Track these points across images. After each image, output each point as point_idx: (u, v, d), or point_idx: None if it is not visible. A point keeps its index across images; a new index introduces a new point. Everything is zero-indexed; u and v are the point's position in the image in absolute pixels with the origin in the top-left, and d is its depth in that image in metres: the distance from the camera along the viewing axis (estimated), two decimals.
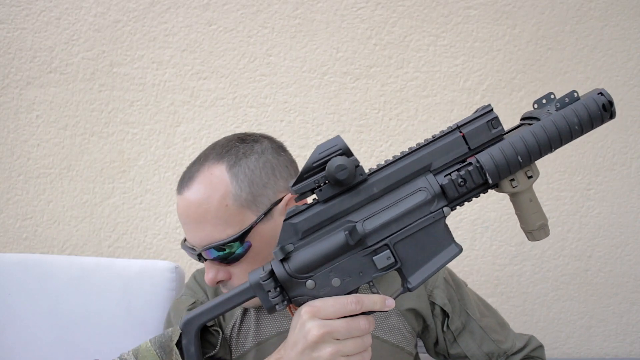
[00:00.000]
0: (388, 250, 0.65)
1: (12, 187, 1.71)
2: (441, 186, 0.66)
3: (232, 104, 1.68)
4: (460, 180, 0.66)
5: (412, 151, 0.67)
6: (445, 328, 0.99)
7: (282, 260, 0.66)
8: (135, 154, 1.69)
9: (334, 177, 0.63)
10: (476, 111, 0.69)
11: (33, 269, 1.37)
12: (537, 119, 0.68)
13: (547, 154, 0.67)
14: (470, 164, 0.67)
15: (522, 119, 0.72)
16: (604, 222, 1.67)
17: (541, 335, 1.70)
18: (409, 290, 0.66)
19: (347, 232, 0.64)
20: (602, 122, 0.67)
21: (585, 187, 1.67)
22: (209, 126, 1.68)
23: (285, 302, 0.67)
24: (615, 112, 0.66)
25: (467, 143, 0.67)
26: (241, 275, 0.81)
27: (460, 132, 0.67)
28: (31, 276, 1.36)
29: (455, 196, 0.67)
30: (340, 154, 0.64)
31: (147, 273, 1.35)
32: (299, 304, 0.67)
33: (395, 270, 0.67)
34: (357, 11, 1.65)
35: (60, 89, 1.69)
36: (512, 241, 1.68)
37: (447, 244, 0.67)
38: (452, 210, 0.68)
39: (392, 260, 0.65)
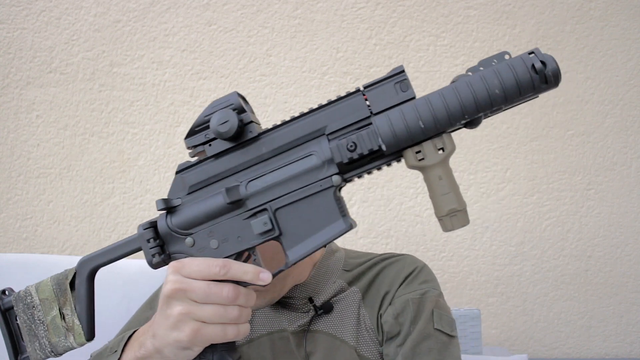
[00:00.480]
0: (266, 215, 0.60)
1: (12, 187, 1.71)
2: (331, 148, 0.58)
3: None
4: (350, 144, 0.58)
5: (309, 112, 0.61)
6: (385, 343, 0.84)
7: (168, 213, 0.64)
8: (135, 154, 1.69)
9: (216, 130, 0.59)
10: (390, 72, 0.61)
11: (33, 269, 1.37)
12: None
13: (460, 123, 0.57)
14: (367, 126, 0.58)
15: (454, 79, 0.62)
16: (604, 222, 1.67)
17: (541, 335, 1.70)
18: (287, 265, 0.61)
19: (224, 189, 0.60)
20: (534, 89, 0.54)
21: (585, 187, 1.67)
22: None
23: (163, 257, 0.65)
24: (553, 78, 0.53)
25: (369, 106, 0.59)
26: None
27: (364, 94, 0.60)
28: (31, 276, 1.36)
29: (345, 162, 0.58)
30: (232, 109, 0.60)
31: (147, 273, 1.35)
32: None
33: (275, 240, 0.61)
34: (357, 11, 1.65)
35: (60, 89, 1.69)
36: (512, 241, 1.68)
37: (333, 218, 0.59)
38: (345, 181, 0.60)
39: (270, 226, 0.60)
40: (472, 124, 0.58)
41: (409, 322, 0.81)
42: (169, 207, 0.64)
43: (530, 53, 0.55)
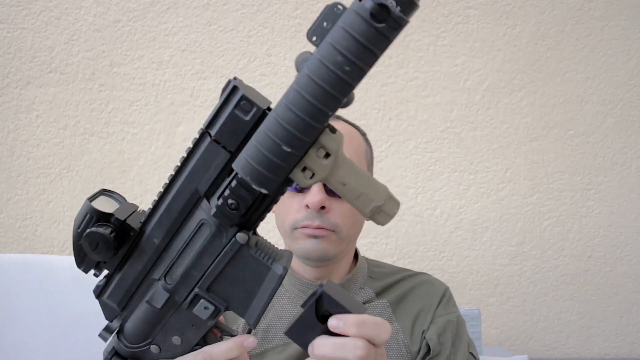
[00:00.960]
0: (203, 300, 0.55)
1: (12, 187, 1.71)
2: (214, 215, 0.52)
3: None
4: (230, 202, 0.51)
5: (172, 179, 0.54)
6: None
7: (118, 335, 0.61)
8: (135, 154, 1.69)
9: (95, 256, 0.54)
10: (222, 92, 0.51)
11: (33, 269, 1.37)
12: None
13: (326, 120, 0.47)
14: (234, 177, 0.51)
15: (296, 63, 0.50)
16: (604, 222, 1.67)
17: (541, 335, 1.70)
18: (252, 327, 0.57)
19: (147, 300, 0.56)
20: (387, 39, 0.42)
21: (585, 187, 1.67)
22: None
23: None
24: (400, 16, 0.41)
25: (224, 147, 0.50)
26: (338, 214, 0.83)
27: (210, 135, 0.51)
28: (31, 276, 1.36)
29: (239, 220, 0.52)
30: (95, 222, 0.53)
31: None
32: None
33: (226, 310, 0.58)
34: None
35: (60, 89, 1.69)
36: (512, 241, 1.68)
37: (264, 270, 0.54)
38: (252, 232, 0.55)
39: (212, 307, 0.56)
40: (345, 104, 0.48)
41: (449, 342, 0.88)
42: (115, 332, 0.61)
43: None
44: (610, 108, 1.66)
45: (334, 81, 0.43)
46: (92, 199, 0.56)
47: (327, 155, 0.48)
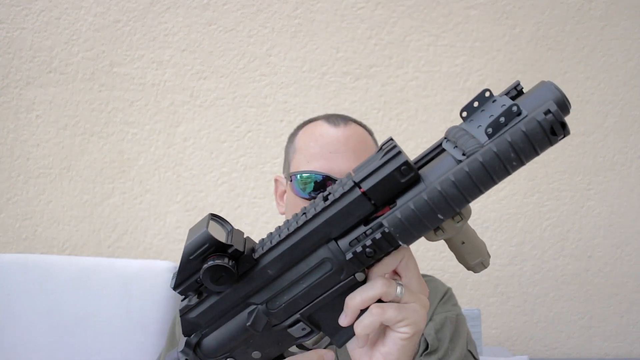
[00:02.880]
0: (301, 322, 0.58)
1: (12, 187, 1.71)
2: (347, 259, 0.54)
3: (232, 104, 1.67)
4: (369, 251, 0.54)
5: (307, 220, 0.55)
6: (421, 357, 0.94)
7: (194, 350, 0.61)
8: (135, 154, 1.69)
9: (214, 287, 0.55)
10: (380, 148, 0.54)
11: (33, 269, 1.37)
12: (463, 152, 0.51)
13: (477, 197, 0.53)
14: (379, 227, 0.53)
15: (449, 135, 0.56)
16: (604, 222, 1.67)
17: (541, 335, 1.70)
18: (337, 346, 0.59)
19: (249, 324, 0.57)
20: (551, 145, 0.49)
21: (585, 187, 1.67)
22: (209, 126, 1.68)
23: None
24: (569, 130, 0.48)
25: (370, 200, 0.53)
26: None
27: (360, 188, 0.53)
28: (31, 276, 1.36)
29: (366, 264, 0.55)
30: (213, 253, 0.54)
31: (147, 273, 1.35)
32: None
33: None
34: (357, 11, 1.65)
35: (60, 89, 1.69)
36: (512, 241, 1.68)
37: None
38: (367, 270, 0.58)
39: (308, 329, 0.58)
40: None
41: (448, 339, 0.90)
42: (197, 343, 0.61)
43: (546, 112, 0.47)
44: (610, 108, 1.65)
45: (499, 171, 0.50)
46: (207, 225, 0.55)
47: (460, 221, 0.56)
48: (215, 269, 0.54)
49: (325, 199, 0.56)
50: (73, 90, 1.69)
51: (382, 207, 0.54)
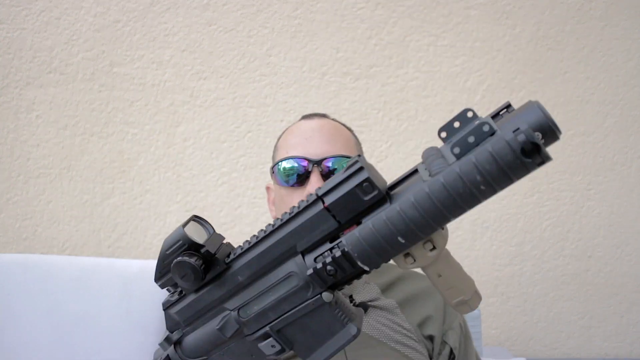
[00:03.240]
0: (271, 339, 0.58)
1: (12, 187, 1.71)
2: (310, 275, 0.54)
3: (232, 104, 1.67)
4: (329, 269, 0.53)
5: (273, 229, 0.56)
6: None
7: (174, 346, 0.64)
8: (135, 154, 1.69)
9: (180, 283, 0.57)
10: (346, 168, 0.52)
11: (33, 269, 1.37)
12: (429, 173, 0.48)
13: (445, 223, 0.49)
14: (340, 244, 0.52)
15: (423, 156, 0.53)
16: (604, 222, 1.67)
17: (541, 336, 1.70)
18: None
19: (218, 328, 0.59)
20: (527, 171, 0.44)
21: (585, 187, 1.67)
22: (209, 126, 1.68)
23: None
24: (547, 156, 0.43)
25: (334, 216, 0.52)
26: None
27: (323, 202, 0.52)
28: (31, 276, 1.36)
29: (331, 283, 0.54)
30: (185, 250, 0.56)
31: (147, 273, 1.35)
32: None
33: (290, 350, 0.59)
34: (357, 11, 1.65)
35: (60, 89, 1.69)
36: (512, 241, 1.68)
37: (338, 328, 0.56)
38: (338, 291, 0.57)
39: (279, 347, 0.58)
40: None
41: (464, 344, 0.95)
42: (177, 340, 0.64)
43: (516, 130, 0.43)
44: (610, 108, 1.65)
45: (465, 196, 0.46)
46: (184, 225, 0.58)
47: (433, 248, 0.51)
48: (181, 264, 0.56)
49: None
50: (73, 91, 1.69)
51: (348, 226, 0.53)
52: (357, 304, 0.90)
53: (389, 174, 1.84)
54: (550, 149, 0.47)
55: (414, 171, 0.54)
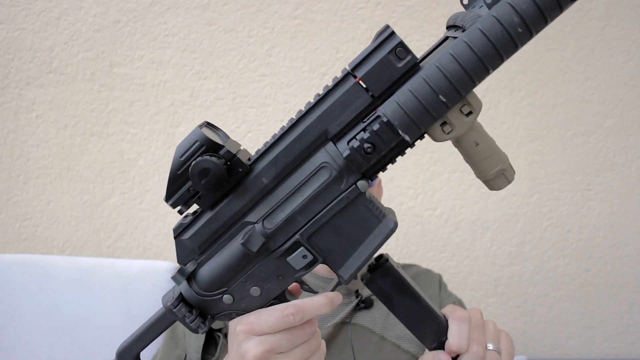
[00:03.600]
0: (302, 248, 0.53)
1: (12, 188, 1.71)
2: (346, 158, 0.50)
3: (232, 104, 1.68)
4: (367, 146, 0.49)
5: (301, 116, 0.51)
6: None
7: (188, 281, 0.57)
8: (135, 154, 1.69)
9: (202, 187, 0.50)
10: (376, 36, 0.49)
11: (33, 269, 1.37)
12: (463, 28, 0.47)
13: (484, 78, 0.47)
14: (377, 118, 0.49)
15: (448, 27, 0.52)
16: (604, 223, 1.67)
17: (541, 336, 1.70)
18: (344, 282, 0.55)
19: (243, 242, 0.52)
20: (560, 9, 0.46)
21: (585, 188, 1.67)
22: None
23: (208, 322, 0.58)
24: None
25: (367, 90, 0.49)
26: None
27: (355, 76, 0.49)
28: (31, 276, 1.36)
29: (367, 166, 0.50)
30: (204, 152, 0.51)
31: (147, 273, 1.35)
32: (231, 318, 0.57)
33: (321, 264, 0.55)
34: (357, 11, 1.65)
35: (60, 89, 1.69)
36: (512, 241, 1.68)
37: (375, 223, 0.52)
38: (372, 180, 0.52)
39: (311, 257, 0.53)
40: None
41: None
42: (187, 276, 0.57)
43: None
44: (610, 108, 1.65)
45: (504, 40, 0.44)
46: (200, 127, 0.53)
47: (470, 113, 0.49)
48: (203, 163, 0.50)
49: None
50: (73, 91, 1.69)
51: (381, 102, 0.49)
52: (362, 299, 0.91)
53: (389, 174, 1.83)
54: (551, 149, 0.48)
55: (444, 40, 0.51)
